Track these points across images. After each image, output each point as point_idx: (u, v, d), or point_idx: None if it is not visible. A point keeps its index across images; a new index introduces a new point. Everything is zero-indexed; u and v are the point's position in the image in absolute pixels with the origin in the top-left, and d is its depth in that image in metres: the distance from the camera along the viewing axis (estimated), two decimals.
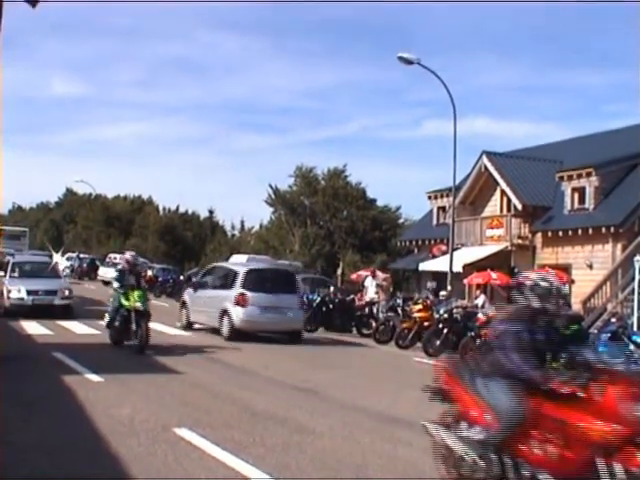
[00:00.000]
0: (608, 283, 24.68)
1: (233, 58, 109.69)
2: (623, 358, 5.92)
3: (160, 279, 36.43)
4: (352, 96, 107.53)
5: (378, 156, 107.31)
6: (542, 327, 5.82)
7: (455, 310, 18.71)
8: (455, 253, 28.12)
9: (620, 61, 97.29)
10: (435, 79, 26.72)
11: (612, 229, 25.62)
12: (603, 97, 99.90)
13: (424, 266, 33.01)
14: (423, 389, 6.46)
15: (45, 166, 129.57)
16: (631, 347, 14.01)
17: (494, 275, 26.20)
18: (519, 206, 29.44)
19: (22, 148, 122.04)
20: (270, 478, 6.55)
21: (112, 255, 49.60)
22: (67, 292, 22.49)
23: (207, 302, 19.95)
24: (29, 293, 21.64)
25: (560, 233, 27.84)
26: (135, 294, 14.90)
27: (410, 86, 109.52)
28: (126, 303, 14.92)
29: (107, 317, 15.68)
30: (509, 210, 30.55)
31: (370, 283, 26.74)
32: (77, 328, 19.04)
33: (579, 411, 5.24)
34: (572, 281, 25.76)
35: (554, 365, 17.39)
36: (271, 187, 55.70)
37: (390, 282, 28.86)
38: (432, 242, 35.06)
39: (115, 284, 15.58)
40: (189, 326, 20.62)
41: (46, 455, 6.99)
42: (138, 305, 14.79)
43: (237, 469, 6.77)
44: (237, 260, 30.66)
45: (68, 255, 52.52)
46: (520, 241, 29.57)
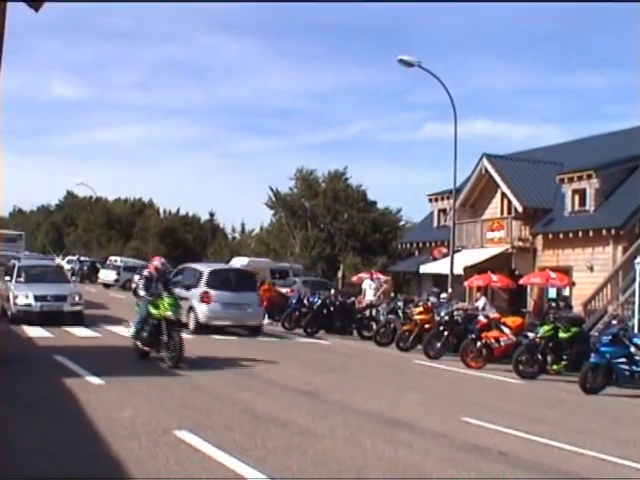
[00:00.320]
0: (609, 285, 24.67)
1: (233, 60, 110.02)
2: None
3: None
4: (352, 99, 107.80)
5: (378, 158, 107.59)
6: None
7: (456, 312, 18.73)
8: (456, 255, 28.11)
9: (620, 63, 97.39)
10: (435, 81, 26.75)
11: (613, 231, 25.60)
12: (603, 99, 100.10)
13: (425, 268, 33.01)
14: None
15: (46, 169, 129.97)
16: (632, 349, 14.00)
17: (495, 277, 26.21)
18: (520, 208, 29.42)
19: (23, 151, 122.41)
20: None
21: (113, 258, 49.69)
22: (77, 298, 21.06)
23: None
24: (37, 299, 20.27)
25: (561, 235, 27.82)
26: (165, 302, 13.70)
27: (410, 89, 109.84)
28: (155, 312, 13.74)
29: (133, 327, 14.42)
30: (510, 212, 30.54)
31: (368, 285, 26.76)
32: (78, 331, 19.02)
33: None
34: (573, 283, 25.77)
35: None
36: (272, 190, 55.84)
37: (391, 285, 28.87)
38: (433, 244, 35.07)
39: (142, 292, 14.21)
40: None
41: (47, 457, 6.98)
42: (169, 314, 13.59)
43: (238, 471, 6.77)
44: (238, 262, 30.84)
45: (69, 258, 52.61)
46: (521, 243, 29.54)
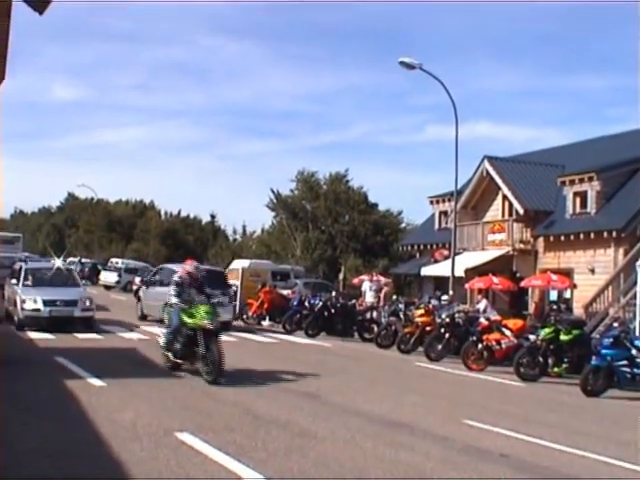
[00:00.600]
0: (610, 288, 24.65)
1: (234, 62, 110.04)
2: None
3: None
4: (354, 101, 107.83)
5: (380, 161, 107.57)
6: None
7: (457, 315, 18.72)
8: (457, 258, 28.10)
9: (622, 65, 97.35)
10: (437, 84, 26.74)
11: (614, 233, 25.59)
12: (605, 101, 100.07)
13: (426, 271, 32.99)
14: None
15: (47, 171, 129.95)
16: (633, 352, 14.00)
17: (496, 280, 26.19)
18: (521, 211, 29.41)
19: (24, 153, 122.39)
20: None
21: (114, 259, 49.71)
22: (88, 302, 20.08)
23: (155, 297, 22.67)
24: (46, 304, 19.19)
25: (562, 238, 27.80)
26: (202, 310, 12.45)
27: (412, 91, 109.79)
28: (190, 321, 12.52)
29: (163, 338, 13.31)
30: (511, 215, 30.52)
31: (368, 287, 26.77)
32: (79, 333, 19.03)
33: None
34: (574, 286, 25.75)
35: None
36: (273, 191, 55.85)
37: (392, 287, 28.86)
38: (434, 247, 35.05)
39: (173, 299, 12.98)
40: (143, 318, 24.07)
41: (47, 458, 7.00)
42: (206, 323, 12.31)
43: (239, 473, 6.78)
44: (239, 265, 30.83)
45: (70, 260, 52.61)
46: (522, 246, 29.53)
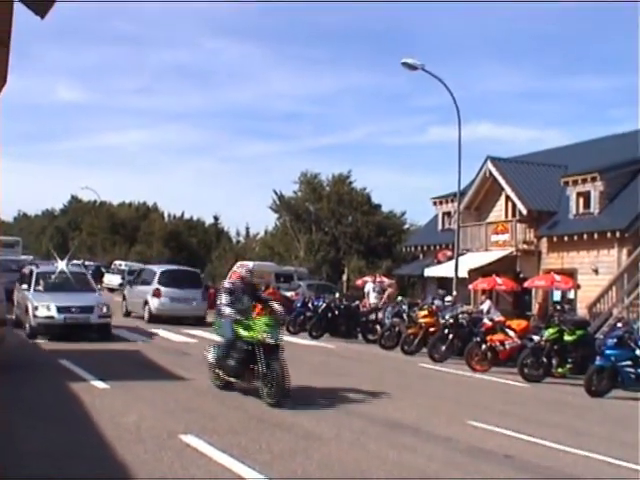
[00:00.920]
0: (614, 288, 24.64)
1: (236, 64, 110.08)
2: None
3: None
4: (356, 102, 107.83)
5: (382, 162, 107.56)
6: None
7: (460, 316, 18.69)
8: (460, 258, 28.08)
9: (624, 65, 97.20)
10: (439, 85, 26.72)
11: (617, 234, 25.57)
12: (607, 102, 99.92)
13: (429, 272, 32.99)
14: None
15: (50, 173, 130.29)
16: (637, 352, 13.97)
17: (499, 280, 26.16)
18: (524, 211, 29.41)
19: (27, 156, 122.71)
20: None
21: (117, 262, 49.78)
22: (105, 309, 18.80)
23: (137, 295, 25.49)
24: (60, 310, 17.95)
25: (565, 238, 27.79)
26: (262, 321, 10.86)
27: (414, 92, 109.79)
28: (246, 334, 10.89)
29: (212, 352, 11.73)
30: (514, 215, 30.52)
31: (371, 288, 26.75)
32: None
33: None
34: (578, 286, 25.73)
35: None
36: (276, 193, 55.87)
37: (396, 288, 28.85)
38: (437, 247, 35.06)
39: (227, 309, 11.18)
40: (128, 314, 25.95)
41: (50, 460, 7.01)
42: (266, 336, 10.64)
43: (243, 475, 6.78)
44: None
45: (73, 262, 52.63)
46: (525, 246, 29.52)
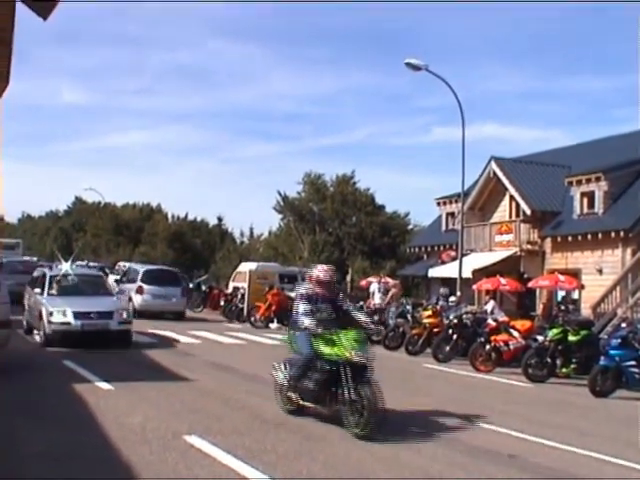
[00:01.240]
0: (618, 288, 24.59)
1: (237, 65, 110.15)
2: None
3: None
4: (358, 102, 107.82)
5: (386, 162, 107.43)
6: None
7: (465, 316, 18.70)
8: (464, 259, 28.07)
9: (627, 65, 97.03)
10: (442, 85, 26.68)
11: (622, 234, 25.52)
12: (611, 102, 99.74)
13: (433, 272, 32.96)
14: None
15: (54, 175, 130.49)
16: None
17: (503, 281, 26.09)
18: (528, 211, 29.37)
19: (31, 157, 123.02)
20: None
21: (121, 263, 49.79)
22: (125, 314, 17.53)
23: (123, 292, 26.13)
24: (77, 316, 16.64)
25: (569, 238, 27.75)
26: (350, 336, 9.06)
27: (418, 92, 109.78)
28: (330, 351, 9.12)
29: (284, 372, 10.05)
30: (518, 215, 30.48)
31: (377, 289, 26.76)
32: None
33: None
34: (582, 286, 25.69)
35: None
36: (280, 194, 55.85)
37: (400, 289, 28.84)
38: (441, 248, 35.02)
39: (306, 320, 9.37)
40: None
41: (54, 462, 7.02)
42: (355, 354, 8.89)
43: (248, 476, 6.79)
44: (246, 267, 30.91)
45: (78, 263, 52.69)
46: (529, 246, 29.48)
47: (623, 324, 15.98)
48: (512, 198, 30.91)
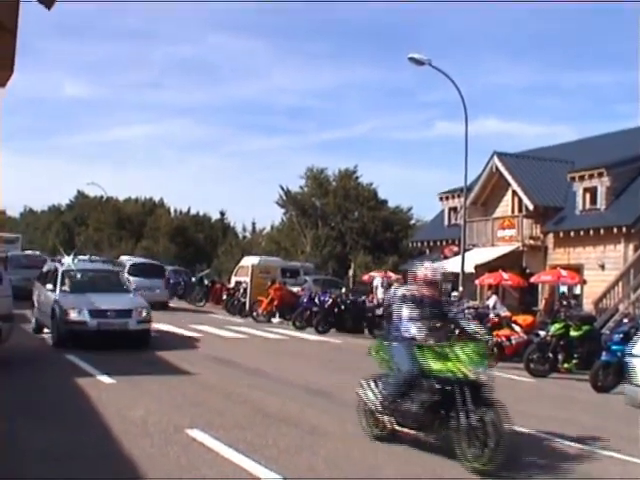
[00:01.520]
0: (620, 283, 24.59)
1: (240, 59, 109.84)
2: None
3: (172, 281, 36.54)
4: (361, 97, 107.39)
5: (389, 157, 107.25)
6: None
7: (467, 311, 18.68)
8: (467, 254, 28.04)
9: (631, 61, 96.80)
10: (445, 80, 26.61)
11: (624, 229, 25.51)
12: (615, 97, 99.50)
13: None
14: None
15: (56, 169, 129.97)
16: None
17: (506, 276, 26.09)
18: (530, 207, 29.35)
19: (33, 151, 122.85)
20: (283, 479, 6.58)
21: (123, 257, 49.87)
22: (144, 313, 16.28)
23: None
24: (93, 315, 15.51)
25: (572, 233, 27.75)
26: (468, 350, 7.60)
27: (421, 87, 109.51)
28: (441, 367, 7.58)
29: (374, 389, 8.29)
30: (520, 211, 30.47)
31: (379, 283, 26.79)
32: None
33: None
34: (584, 282, 25.69)
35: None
36: (282, 188, 55.87)
37: (402, 284, 28.83)
38: (444, 243, 35.01)
39: (412, 328, 7.79)
40: None
41: (55, 458, 7.03)
42: (474, 371, 7.51)
43: (250, 470, 6.80)
44: (248, 262, 30.95)
45: (80, 258, 52.75)
46: (532, 242, 29.48)
47: (625, 319, 15.99)
48: (514, 193, 30.89)
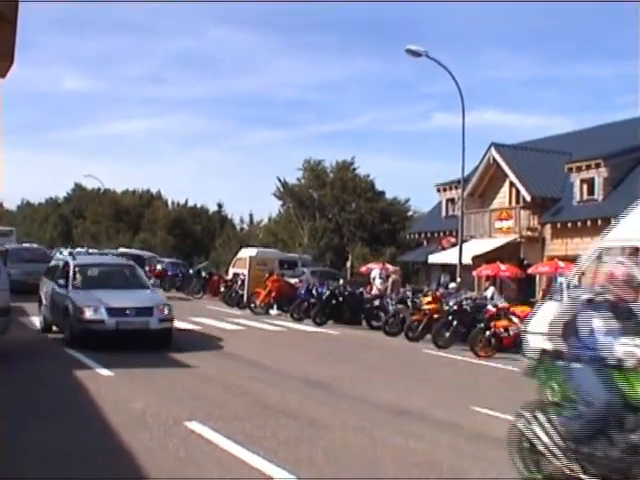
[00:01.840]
0: None
1: (240, 52, 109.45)
2: None
3: (169, 273, 36.53)
4: (360, 89, 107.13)
5: (387, 149, 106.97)
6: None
7: (465, 302, 18.71)
8: (464, 245, 28.07)
9: (630, 52, 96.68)
10: (444, 72, 26.64)
11: None
12: (613, 89, 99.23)
13: (433, 258, 32.99)
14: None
15: (54, 162, 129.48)
16: None
17: (503, 267, 26.17)
18: (528, 198, 29.37)
19: (31, 144, 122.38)
20: (282, 471, 6.58)
21: (121, 249, 49.82)
22: (166, 311, 14.98)
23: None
24: (111, 313, 14.26)
25: (569, 224, 27.77)
26: None
27: (419, 79, 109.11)
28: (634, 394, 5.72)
29: (545, 425, 6.12)
30: (518, 202, 30.48)
31: (377, 275, 26.77)
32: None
33: None
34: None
35: None
36: (280, 180, 55.81)
37: (400, 275, 28.87)
38: (441, 234, 35.05)
39: (617, 346, 5.87)
40: None
41: (52, 452, 7.03)
42: None
43: (249, 462, 6.80)
44: (246, 254, 30.92)
45: (77, 250, 52.72)
46: (529, 233, 29.51)
47: None
48: (512, 184, 30.90)
